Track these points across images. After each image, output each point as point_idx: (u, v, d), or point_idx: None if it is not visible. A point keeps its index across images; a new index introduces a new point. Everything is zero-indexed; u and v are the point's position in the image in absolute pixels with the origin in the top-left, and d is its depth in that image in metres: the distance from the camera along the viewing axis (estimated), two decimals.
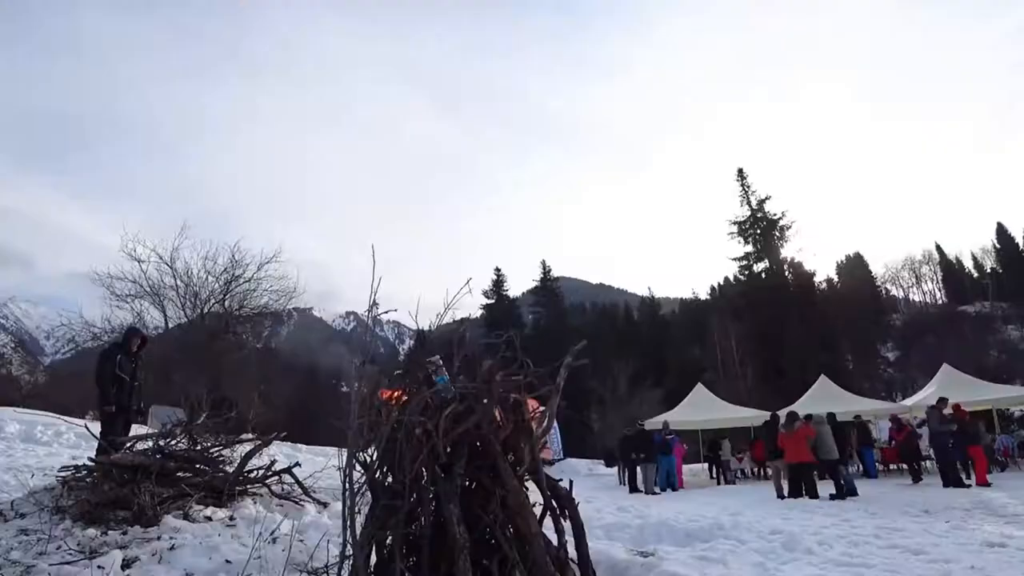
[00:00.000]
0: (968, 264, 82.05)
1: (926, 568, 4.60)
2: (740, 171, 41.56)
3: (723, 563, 4.17)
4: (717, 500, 11.37)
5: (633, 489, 14.79)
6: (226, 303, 18.78)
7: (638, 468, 15.16)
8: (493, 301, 50.85)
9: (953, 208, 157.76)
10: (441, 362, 3.26)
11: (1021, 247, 73.68)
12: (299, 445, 15.61)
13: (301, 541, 4.21)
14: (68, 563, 3.56)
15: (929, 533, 6.38)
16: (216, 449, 6.31)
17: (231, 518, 5.19)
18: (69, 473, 5.49)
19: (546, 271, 55.10)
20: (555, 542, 3.11)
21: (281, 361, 24.86)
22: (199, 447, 6.15)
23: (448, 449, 3.06)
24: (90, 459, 5.69)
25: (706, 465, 20.37)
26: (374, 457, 2.93)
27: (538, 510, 3.14)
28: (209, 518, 5.03)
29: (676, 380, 37.55)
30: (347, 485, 2.73)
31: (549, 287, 54.56)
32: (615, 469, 19.92)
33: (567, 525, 3.22)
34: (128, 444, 5.85)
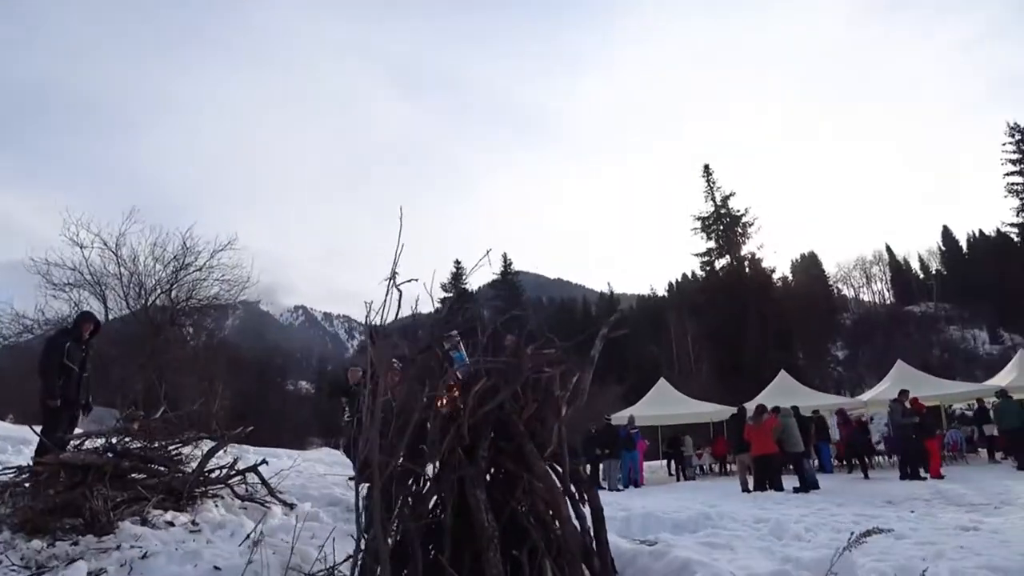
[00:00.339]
0: (915, 265, 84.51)
1: (917, 550, 4.65)
2: (706, 167, 42.23)
3: (730, 548, 4.10)
4: (684, 495, 11.39)
5: (596, 486, 14.71)
6: (173, 293, 17.68)
7: (600, 464, 15.12)
8: (452, 294, 50.27)
9: (904, 210, 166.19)
10: (459, 338, 3.01)
11: (964, 250, 76.74)
12: (247, 447, 14.77)
13: (285, 542, 3.86)
14: None
15: (903, 520, 6.51)
16: (175, 447, 5.82)
17: (194, 522, 4.78)
18: (9, 477, 4.89)
19: (507, 264, 54.70)
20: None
21: (228, 356, 23.64)
22: (156, 445, 5.64)
23: (469, 431, 2.83)
24: (33, 459, 5.10)
25: (664, 461, 20.61)
26: (397, 441, 2.65)
27: None
28: (171, 523, 4.59)
29: (635, 376, 37.98)
30: (373, 475, 2.43)
31: (509, 281, 54.29)
32: None
33: (586, 511, 3.04)
34: (76, 442, 5.29)
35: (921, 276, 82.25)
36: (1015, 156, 33.74)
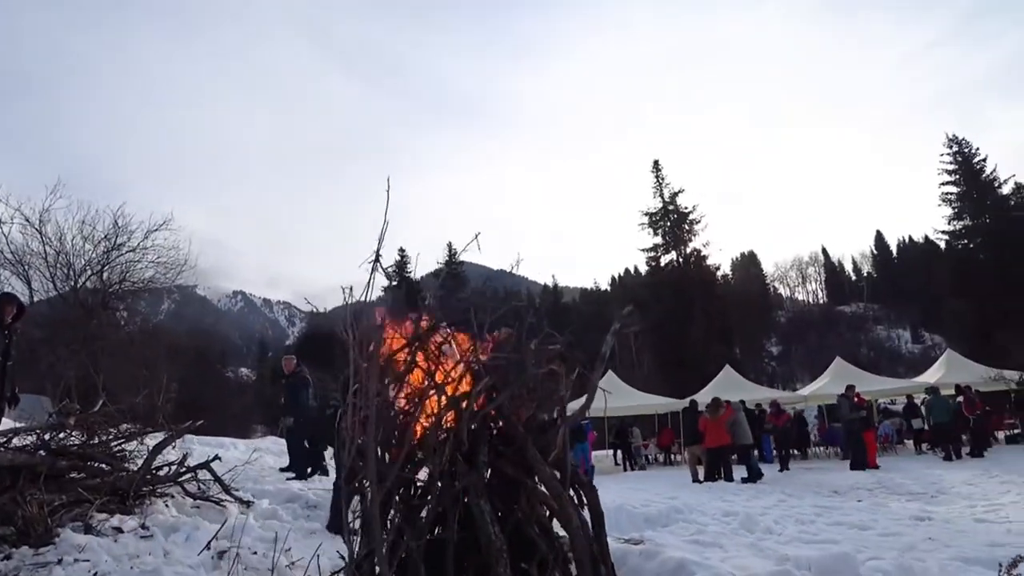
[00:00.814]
0: (848, 267, 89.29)
1: (888, 541, 4.82)
2: (656, 163, 42.00)
3: (719, 546, 4.09)
4: (638, 486, 11.50)
5: None
6: (104, 275, 16.44)
7: None
8: (396, 283, 49.28)
9: (840, 214, 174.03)
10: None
11: (894, 255, 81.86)
12: (191, 437, 13.96)
13: (252, 552, 3.55)
14: None
15: (859, 511, 6.76)
16: (117, 443, 5.32)
17: (144, 526, 4.34)
18: None
19: (452, 254, 54.01)
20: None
21: (166, 342, 22.37)
22: (96, 441, 5.13)
23: (468, 435, 2.63)
24: None
25: (611, 451, 20.97)
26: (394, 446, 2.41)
27: None
28: (119, 529, 4.15)
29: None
30: (372, 487, 2.20)
31: (454, 271, 53.65)
32: None
33: (586, 515, 2.94)
34: (3, 439, 4.72)
35: (853, 278, 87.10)
36: (951, 167, 35.69)
